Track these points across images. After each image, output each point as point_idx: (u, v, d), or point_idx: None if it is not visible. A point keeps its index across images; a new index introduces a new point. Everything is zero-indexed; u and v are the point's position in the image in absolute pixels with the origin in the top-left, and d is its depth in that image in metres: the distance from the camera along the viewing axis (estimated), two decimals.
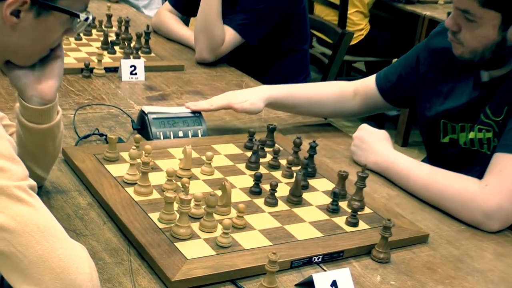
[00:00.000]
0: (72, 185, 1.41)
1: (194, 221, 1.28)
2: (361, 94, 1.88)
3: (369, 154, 1.68)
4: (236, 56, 2.49)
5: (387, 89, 1.84)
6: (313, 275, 1.14)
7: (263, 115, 2.00)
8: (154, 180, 1.40)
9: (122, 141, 1.64)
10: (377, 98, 1.86)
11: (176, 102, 1.99)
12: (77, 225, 1.26)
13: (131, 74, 2.11)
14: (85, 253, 0.95)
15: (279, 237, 1.29)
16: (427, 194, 1.55)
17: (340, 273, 1.17)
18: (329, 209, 1.42)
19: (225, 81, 2.25)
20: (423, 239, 1.40)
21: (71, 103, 1.86)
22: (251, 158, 1.56)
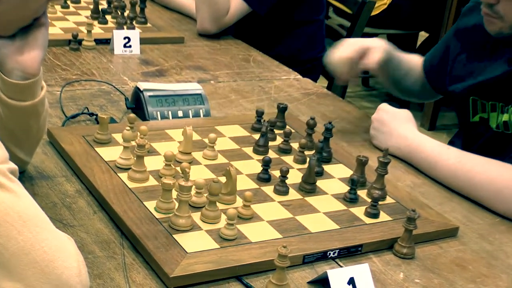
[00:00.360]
0: (58, 170, 1.42)
1: (195, 211, 1.28)
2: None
3: (390, 137, 1.68)
4: (243, 27, 2.49)
5: (431, 72, 1.86)
6: (328, 271, 1.14)
7: (273, 93, 2.00)
8: (151, 165, 1.40)
9: (115, 121, 1.64)
10: (425, 81, 1.89)
11: (175, 78, 1.99)
12: (64, 215, 1.27)
13: (124, 47, 2.11)
14: (72, 245, 0.95)
15: (290, 229, 1.29)
16: (457, 182, 1.55)
17: (358, 270, 1.17)
18: (347, 198, 1.42)
19: (230, 55, 2.25)
20: (452, 232, 1.40)
21: (57, 79, 1.86)
22: (259, 141, 1.56)
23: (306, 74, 2.28)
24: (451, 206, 1.51)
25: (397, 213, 1.40)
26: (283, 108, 1.70)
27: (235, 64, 2.18)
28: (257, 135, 1.60)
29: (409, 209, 1.31)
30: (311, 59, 2.62)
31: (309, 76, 2.27)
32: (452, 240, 1.38)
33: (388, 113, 1.71)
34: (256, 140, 1.58)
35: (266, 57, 2.29)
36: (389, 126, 1.69)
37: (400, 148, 1.66)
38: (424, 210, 1.42)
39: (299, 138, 1.62)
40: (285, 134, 1.58)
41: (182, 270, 1.12)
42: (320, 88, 2.12)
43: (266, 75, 2.14)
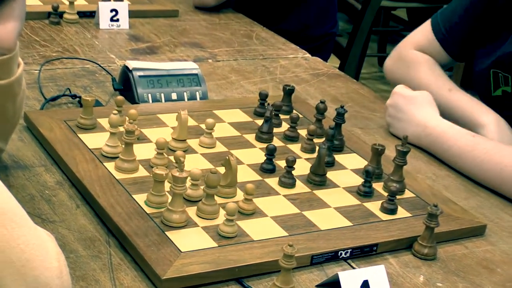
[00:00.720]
0: (36, 158, 1.42)
1: (190, 205, 1.28)
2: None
3: (408, 125, 1.68)
4: None
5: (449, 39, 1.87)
6: (339, 273, 1.15)
7: (278, 73, 2.00)
8: (141, 154, 1.40)
9: (100, 104, 1.64)
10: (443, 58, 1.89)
11: (168, 57, 1.98)
12: (43, 209, 1.27)
13: (111, 21, 2.10)
14: (53, 243, 0.95)
15: (297, 226, 1.29)
16: (484, 175, 1.55)
17: (373, 272, 1.17)
18: (360, 191, 1.42)
19: (230, 31, 2.25)
20: (479, 230, 1.40)
21: (35, 56, 1.85)
22: (262, 127, 1.56)
23: (315, 52, 2.28)
24: (477, 201, 1.51)
25: (417, 209, 1.40)
26: (289, 91, 1.70)
27: (235, 41, 2.18)
28: (260, 120, 1.60)
29: (430, 204, 1.31)
30: (322, 36, 2.62)
31: (319, 54, 2.27)
32: (478, 240, 1.38)
33: (404, 97, 1.70)
34: (259, 126, 1.58)
35: (270, 33, 2.28)
36: (406, 113, 1.69)
37: (420, 138, 1.66)
38: (448, 206, 1.42)
39: (307, 124, 1.61)
40: (291, 119, 1.58)
41: (176, 271, 1.12)
42: (331, 68, 2.12)
43: (271, 53, 2.14)
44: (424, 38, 1.90)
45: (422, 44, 1.89)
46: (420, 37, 1.91)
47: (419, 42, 1.90)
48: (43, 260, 0.91)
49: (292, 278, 1.14)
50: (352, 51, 2.75)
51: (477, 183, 1.57)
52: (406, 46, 1.92)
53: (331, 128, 1.50)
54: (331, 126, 1.51)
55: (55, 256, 0.93)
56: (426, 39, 1.89)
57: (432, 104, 1.69)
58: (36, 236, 0.92)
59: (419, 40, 1.91)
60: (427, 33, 1.90)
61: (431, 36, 1.88)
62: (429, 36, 1.89)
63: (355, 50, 2.76)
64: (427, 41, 1.89)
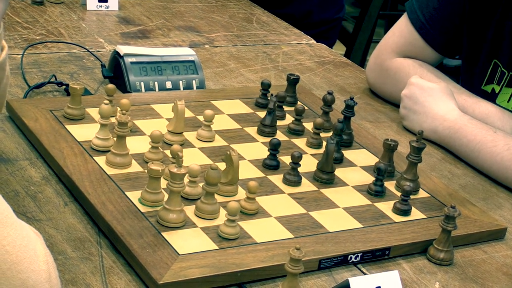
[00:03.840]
0: (20, 151, 1.42)
1: (188, 204, 1.28)
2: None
3: (425, 118, 1.69)
4: None
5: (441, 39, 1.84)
6: (350, 279, 1.15)
7: (280, 61, 2.00)
8: (134, 147, 1.40)
9: (89, 93, 1.64)
10: (428, 55, 1.86)
11: (161, 41, 1.99)
12: (28, 207, 1.27)
13: (99, 1, 2.11)
14: (40, 243, 0.96)
15: (303, 228, 1.30)
16: (505, 174, 1.56)
17: (385, 277, 1.17)
18: (371, 191, 1.43)
19: (228, 14, 2.25)
20: (499, 234, 1.41)
21: (17, 40, 1.86)
22: (264, 119, 1.57)
23: (320, 38, 2.29)
24: (497, 203, 1.52)
25: (432, 210, 1.41)
26: (294, 80, 1.71)
27: (234, 25, 2.18)
28: (263, 112, 1.61)
29: (447, 205, 1.32)
30: (326, 21, 2.62)
31: (324, 41, 2.28)
32: (498, 244, 1.39)
33: (422, 88, 1.71)
34: (261, 118, 1.59)
35: (272, 17, 2.29)
36: (423, 105, 1.69)
37: (437, 131, 1.67)
38: (465, 207, 1.43)
39: (313, 117, 1.62)
40: (296, 111, 1.58)
41: (173, 275, 1.13)
42: (337, 55, 2.12)
43: (272, 39, 2.14)
44: (402, 36, 1.86)
45: (402, 44, 1.85)
46: (398, 37, 1.86)
47: (398, 43, 1.86)
48: (31, 262, 0.91)
49: (299, 284, 1.14)
50: (359, 37, 2.76)
51: (497, 182, 1.58)
52: (384, 52, 1.87)
53: (339, 121, 1.50)
54: (340, 119, 1.51)
55: (43, 258, 0.93)
56: (404, 36, 1.85)
57: (451, 97, 1.69)
58: (22, 236, 0.93)
59: (397, 41, 1.86)
60: (404, 27, 1.86)
61: (409, 29, 1.84)
62: (407, 30, 1.85)
63: (362, 36, 2.77)
64: (406, 38, 1.85)
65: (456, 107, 1.68)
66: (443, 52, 1.84)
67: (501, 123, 1.68)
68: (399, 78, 1.81)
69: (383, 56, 1.86)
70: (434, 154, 1.66)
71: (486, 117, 1.69)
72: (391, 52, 1.85)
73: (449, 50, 1.86)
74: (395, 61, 1.84)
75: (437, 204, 1.43)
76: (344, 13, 2.73)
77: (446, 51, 1.85)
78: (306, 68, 1.99)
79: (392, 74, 1.83)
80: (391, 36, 1.88)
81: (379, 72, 1.87)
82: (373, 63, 1.89)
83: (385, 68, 1.85)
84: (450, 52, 1.88)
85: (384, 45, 1.88)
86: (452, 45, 1.85)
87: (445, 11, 1.80)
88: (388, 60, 1.85)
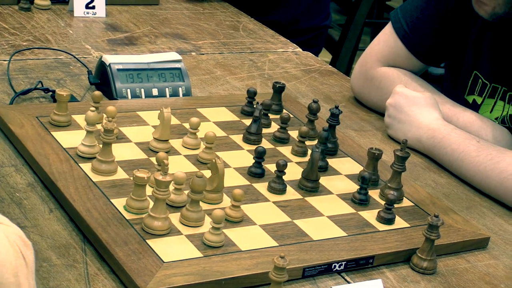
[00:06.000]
0: (6, 158, 1.42)
1: (173, 211, 1.28)
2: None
3: (409, 127, 1.69)
4: None
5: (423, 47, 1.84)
6: (333, 287, 1.15)
7: (266, 68, 2.01)
8: (119, 154, 1.40)
9: (76, 99, 1.64)
10: (412, 64, 1.86)
11: (148, 48, 1.98)
12: (14, 213, 1.27)
13: (87, 8, 2.10)
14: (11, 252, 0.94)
15: (288, 236, 1.30)
16: (487, 183, 1.57)
17: (369, 286, 1.18)
18: (355, 199, 1.43)
19: (215, 22, 2.25)
20: (482, 243, 1.41)
21: (4, 46, 1.85)
22: (250, 127, 1.57)
23: (306, 46, 2.29)
24: (480, 212, 1.53)
25: (416, 219, 1.41)
26: (280, 88, 1.71)
27: (221, 33, 2.18)
28: (248, 120, 1.61)
29: (430, 214, 1.32)
30: (313, 28, 2.62)
31: (310, 49, 2.28)
32: (481, 253, 1.40)
33: (406, 97, 1.72)
34: (246, 126, 1.59)
35: (258, 24, 2.29)
36: (408, 114, 1.70)
37: (421, 140, 1.67)
38: (449, 216, 1.44)
39: (298, 125, 1.62)
40: (282, 119, 1.59)
41: (158, 283, 1.13)
42: (323, 64, 2.13)
43: (259, 46, 2.14)
44: (387, 45, 1.86)
45: (386, 53, 1.85)
46: (383, 46, 1.87)
47: (383, 52, 1.86)
48: None
49: None
50: (345, 45, 2.76)
51: (480, 191, 1.59)
52: (369, 61, 1.87)
53: (324, 130, 1.50)
54: (325, 128, 1.51)
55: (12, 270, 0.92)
56: (389, 45, 1.85)
57: (435, 106, 1.70)
58: None
59: (382, 50, 1.86)
60: (388, 36, 1.86)
61: (393, 38, 1.84)
62: (392, 39, 1.85)
63: (348, 44, 2.78)
64: (391, 47, 1.85)
65: (440, 117, 1.68)
66: (426, 61, 1.85)
67: (484, 132, 1.69)
68: (384, 87, 1.81)
69: (368, 65, 1.87)
70: (418, 163, 1.66)
71: (470, 126, 1.70)
72: (376, 61, 1.85)
73: (433, 59, 1.87)
74: (380, 70, 1.84)
75: (421, 213, 1.44)
76: (330, 21, 2.74)
77: (429, 60, 1.86)
78: (292, 76, 1.99)
79: (377, 83, 1.84)
80: (376, 45, 1.89)
81: (364, 81, 1.87)
82: (358, 72, 1.89)
83: (370, 77, 1.85)
84: (434, 61, 1.88)
85: (369, 54, 1.88)
86: (436, 55, 1.85)
87: (428, 20, 1.80)
88: (373, 69, 1.85)
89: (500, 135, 1.69)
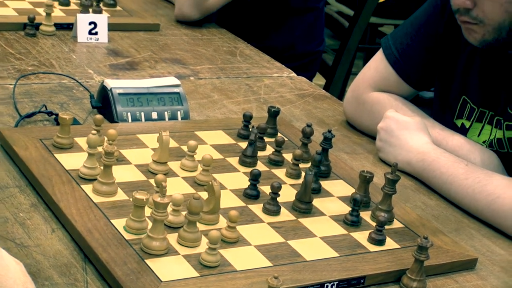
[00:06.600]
0: (10, 179, 1.41)
1: (171, 232, 1.28)
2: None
3: (399, 151, 1.70)
4: (228, 14, 2.49)
5: (412, 73, 1.84)
6: None
7: (262, 93, 2.01)
8: (120, 176, 1.40)
9: (78, 122, 1.64)
10: (402, 89, 1.86)
11: (148, 73, 1.99)
12: (17, 233, 1.27)
13: (90, 34, 2.10)
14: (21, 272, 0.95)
15: (282, 256, 1.30)
16: (475, 206, 1.56)
17: None
18: (347, 221, 1.43)
19: (213, 47, 2.25)
20: (470, 264, 1.41)
21: (10, 70, 1.85)
22: (246, 150, 1.57)
23: (301, 71, 2.29)
24: (469, 233, 1.52)
25: (406, 240, 1.41)
26: (274, 112, 1.71)
27: (218, 58, 2.19)
28: (244, 143, 1.61)
29: (420, 235, 1.32)
30: (308, 53, 2.63)
31: (305, 73, 2.29)
32: (469, 273, 1.39)
33: (397, 122, 1.72)
34: (242, 149, 1.59)
35: (255, 50, 2.29)
36: (398, 138, 1.70)
37: (412, 164, 1.67)
38: (438, 237, 1.43)
39: (292, 148, 1.62)
40: (276, 143, 1.59)
41: None
42: (317, 88, 2.13)
43: (255, 71, 2.15)
44: (378, 71, 1.86)
45: (378, 79, 1.85)
46: (374, 72, 1.86)
47: (374, 78, 1.86)
48: None
49: None
50: (338, 70, 2.76)
51: (468, 213, 1.58)
52: (361, 86, 1.87)
53: (317, 153, 1.50)
54: (318, 151, 1.51)
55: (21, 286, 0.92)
56: (380, 71, 1.85)
57: (425, 130, 1.70)
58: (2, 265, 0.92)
59: (373, 75, 1.86)
60: (379, 62, 1.86)
61: (384, 64, 1.84)
62: (383, 65, 1.85)
63: (341, 69, 2.78)
64: (382, 73, 1.85)
65: (430, 141, 1.69)
66: (416, 86, 1.85)
67: (473, 155, 1.69)
68: (376, 111, 1.81)
69: (360, 90, 1.87)
70: (408, 185, 1.66)
71: (458, 149, 1.70)
72: (367, 86, 1.86)
73: (423, 84, 1.87)
74: (371, 95, 1.85)
75: (411, 234, 1.43)
76: (324, 46, 2.75)
77: (419, 86, 1.86)
78: (286, 100, 2.00)
79: (369, 107, 1.84)
80: (367, 71, 1.89)
81: (356, 106, 1.87)
82: (351, 97, 1.89)
83: (362, 101, 1.86)
84: (424, 86, 1.89)
85: (361, 79, 1.88)
86: (425, 80, 1.86)
87: (418, 47, 1.81)
88: (365, 94, 1.85)
89: (488, 158, 1.69)
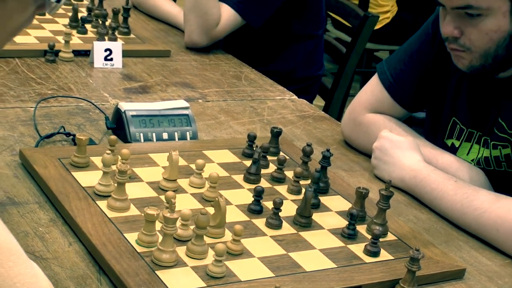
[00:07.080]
0: (31, 195, 1.42)
1: (180, 245, 1.28)
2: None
3: (393, 168, 1.70)
4: (234, 41, 2.50)
5: (405, 97, 1.85)
6: None
7: (266, 114, 2.01)
8: (132, 193, 1.41)
9: (94, 143, 1.65)
10: (396, 111, 1.86)
11: (159, 96, 2.00)
12: (37, 246, 1.27)
13: (105, 60, 2.12)
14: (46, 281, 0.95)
15: (283, 267, 1.30)
16: (463, 219, 1.57)
17: None
18: (345, 234, 1.43)
19: (220, 72, 2.26)
20: (458, 274, 1.41)
21: (31, 94, 1.86)
22: (250, 168, 1.57)
23: (301, 93, 2.30)
24: (457, 245, 1.52)
25: (399, 252, 1.41)
26: (277, 133, 1.72)
27: (225, 82, 2.20)
28: (248, 161, 1.61)
29: (412, 247, 1.32)
30: (308, 78, 2.64)
31: (305, 96, 2.29)
32: (458, 283, 1.40)
33: (391, 141, 1.72)
34: (247, 167, 1.59)
35: (259, 74, 2.30)
36: (392, 156, 1.70)
37: (404, 180, 1.68)
38: (429, 249, 1.44)
39: (294, 166, 1.63)
40: (278, 161, 1.59)
41: None
42: (317, 110, 2.14)
43: (259, 94, 2.16)
44: (373, 94, 1.86)
45: (373, 102, 1.86)
46: (370, 95, 1.87)
47: (370, 100, 1.86)
48: None
49: None
50: (337, 93, 2.76)
51: (457, 226, 1.59)
52: (358, 109, 1.87)
53: (317, 171, 1.51)
54: (317, 169, 1.52)
55: None
56: (375, 94, 1.85)
57: (417, 149, 1.71)
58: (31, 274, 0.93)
59: (369, 99, 1.87)
60: (375, 86, 1.87)
61: (379, 88, 1.85)
62: (378, 89, 1.85)
63: (339, 92, 2.78)
64: (377, 96, 1.85)
65: (421, 159, 1.69)
66: (409, 108, 1.86)
67: (461, 173, 1.69)
68: (371, 132, 1.82)
69: (356, 112, 1.87)
70: (402, 200, 1.67)
71: (448, 167, 1.71)
72: (363, 109, 1.86)
73: (415, 106, 1.87)
74: (367, 117, 1.85)
75: (404, 246, 1.44)
76: (324, 70, 2.75)
77: (412, 108, 1.87)
78: (288, 121, 2.00)
79: (365, 128, 1.85)
80: (363, 94, 1.90)
81: (353, 127, 1.88)
82: (348, 118, 1.90)
83: (358, 123, 1.86)
84: (416, 108, 1.89)
85: (358, 102, 1.89)
86: (418, 103, 1.86)
87: (410, 72, 1.82)
88: (361, 115, 1.86)
89: (475, 175, 1.69)
